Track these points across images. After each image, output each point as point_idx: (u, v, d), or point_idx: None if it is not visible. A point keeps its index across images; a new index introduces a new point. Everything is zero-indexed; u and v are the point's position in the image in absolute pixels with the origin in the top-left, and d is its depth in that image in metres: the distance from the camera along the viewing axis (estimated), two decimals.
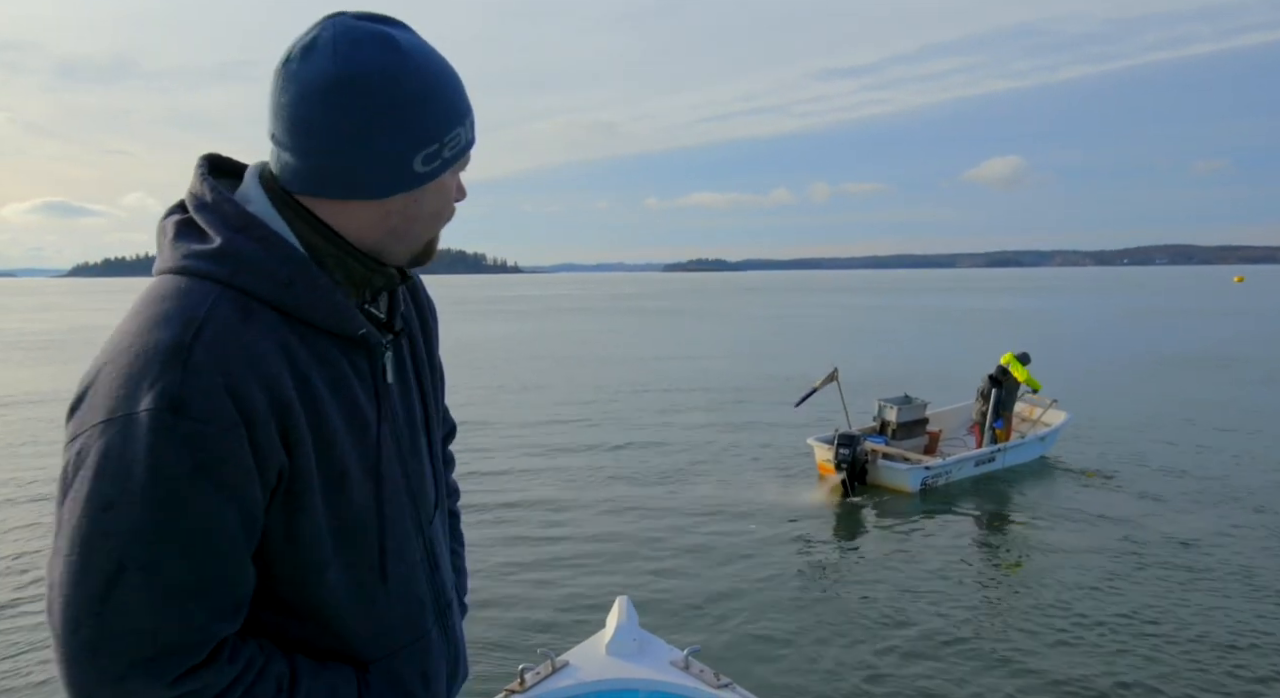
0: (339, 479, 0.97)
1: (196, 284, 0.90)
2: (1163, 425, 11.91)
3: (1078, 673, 4.71)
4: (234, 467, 0.86)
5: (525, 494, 8.56)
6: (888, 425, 9.86)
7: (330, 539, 0.97)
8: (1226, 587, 5.94)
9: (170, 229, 0.96)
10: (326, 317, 0.95)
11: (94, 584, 0.82)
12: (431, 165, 0.96)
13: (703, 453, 10.52)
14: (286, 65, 0.91)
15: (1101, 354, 21.28)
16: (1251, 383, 16.00)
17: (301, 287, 0.92)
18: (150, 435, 0.82)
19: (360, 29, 0.90)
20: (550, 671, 2.71)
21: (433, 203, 1.00)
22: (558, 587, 6.06)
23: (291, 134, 0.92)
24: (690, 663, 2.73)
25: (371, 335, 1.00)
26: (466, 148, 1.00)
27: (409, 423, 1.11)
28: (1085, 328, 31.19)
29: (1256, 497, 8.20)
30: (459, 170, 1.02)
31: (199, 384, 0.83)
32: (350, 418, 0.99)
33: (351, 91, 0.89)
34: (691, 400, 14.63)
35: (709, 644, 5.05)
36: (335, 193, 0.94)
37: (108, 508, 0.82)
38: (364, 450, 1.00)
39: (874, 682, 4.65)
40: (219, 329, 0.86)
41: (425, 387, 1.17)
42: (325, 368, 0.96)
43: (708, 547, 6.93)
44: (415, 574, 1.10)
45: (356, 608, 1.02)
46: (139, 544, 0.83)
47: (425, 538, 1.13)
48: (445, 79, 0.96)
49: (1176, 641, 5.11)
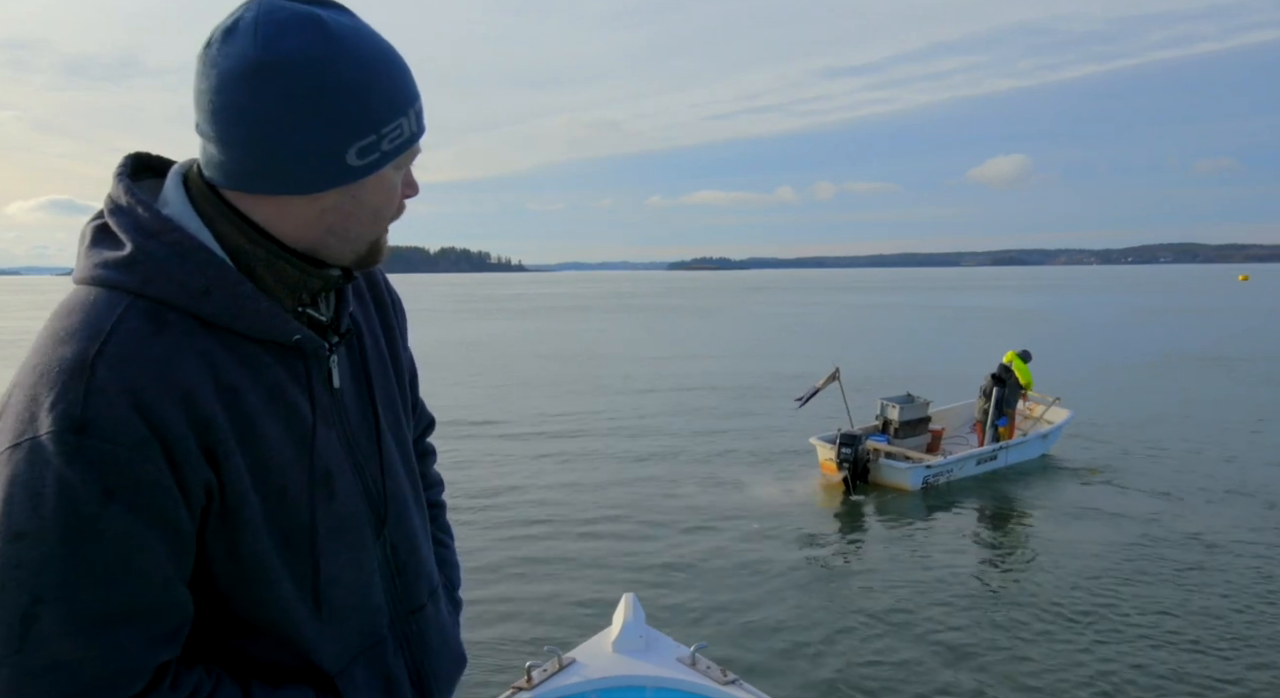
0: (278, 494, 0.92)
1: (105, 295, 0.84)
2: (1166, 423, 11.89)
3: (1080, 669, 4.71)
4: (150, 487, 0.81)
5: (531, 492, 8.58)
6: (890, 424, 9.92)
7: (276, 555, 0.93)
8: (1229, 582, 5.94)
9: (88, 236, 0.90)
10: (251, 325, 0.88)
11: (10, 620, 0.78)
12: (368, 159, 0.89)
13: (707, 451, 10.53)
14: (207, 49, 0.84)
15: (1105, 352, 21.25)
16: (1255, 381, 15.96)
17: (219, 295, 0.86)
18: (55, 459, 0.77)
19: (285, 9, 0.83)
20: (557, 668, 2.72)
21: (373, 199, 0.93)
22: (564, 584, 6.08)
23: (214, 124, 0.85)
24: (697, 660, 2.74)
25: (308, 341, 0.93)
26: (411, 140, 0.92)
27: (365, 426, 1.05)
28: (1089, 326, 31.13)
29: (1259, 492, 8.20)
30: (405, 164, 0.95)
31: (103, 402, 0.78)
32: (289, 427, 0.93)
33: (274, 78, 0.82)
34: (695, 399, 14.64)
35: (716, 641, 5.06)
36: (263, 188, 0.88)
37: (18, 538, 0.78)
38: (302, 462, 0.94)
39: (879, 677, 4.67)
40: (125, 342, 0.81)
41: (377, 386, 1.09)
42: (258, 378, 0.90)
43: (713, 544, 6.95)
44: (370, 581, 1.05)
45: (308, 623, 0.97)
46: (53, 574, 0.78)
47: (386, 544, 1.08)
48: (384, 64, 0.88)
49: (1178, 634, 5.11)
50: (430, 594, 1.17)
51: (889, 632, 5.25)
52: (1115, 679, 4.62)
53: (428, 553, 1.19)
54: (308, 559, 0.96)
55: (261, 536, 0.91)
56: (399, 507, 1.10)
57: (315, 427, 0.96)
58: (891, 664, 4.83)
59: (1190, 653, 4.93)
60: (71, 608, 0.79)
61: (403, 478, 1.13)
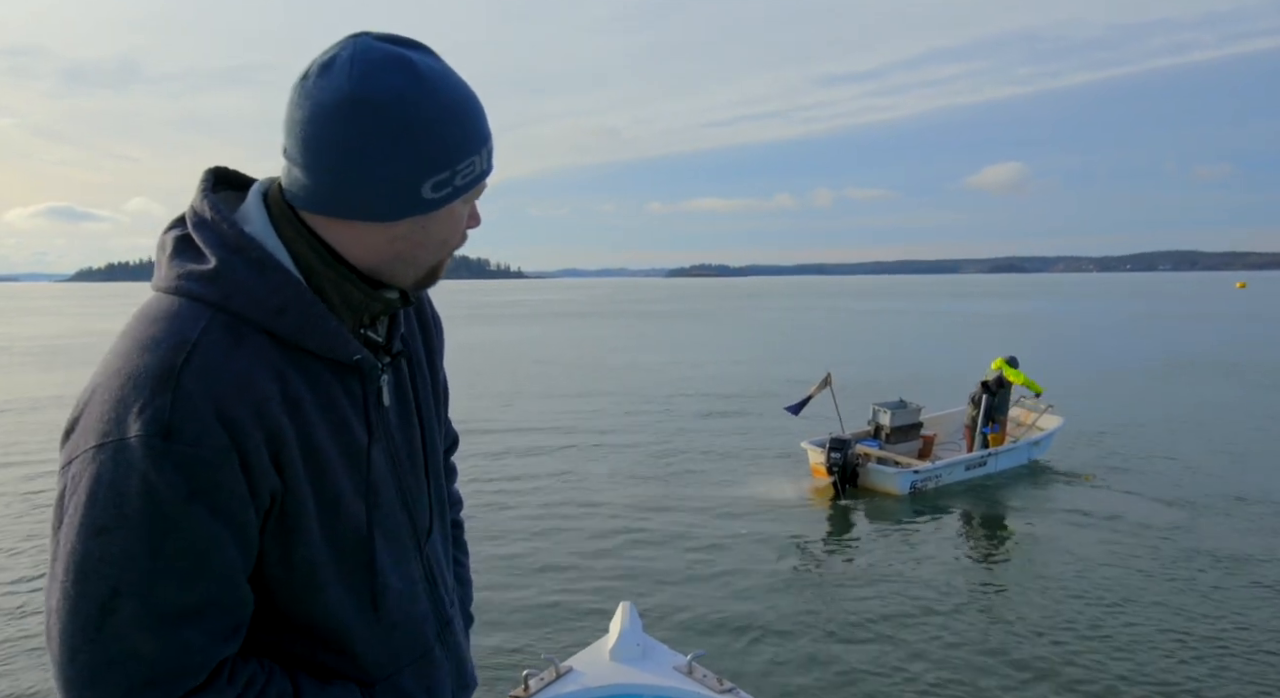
0: (333, 504, 0.97)
1: (189, 306, 0.89)
2: (1161, 429, 11.89)
3: (1070, 669, 4.71)
4: (227, 492, 0.86)
5: (528, 499, 8.57)
6: (881, 430, 10.00)
7: (328, 563, 0.97)
8: (1217, 587, 5.94)
9: (169, 245, 0.95)
10: (320, 344, 0.94)
11: (89, 611, 0.82)
12: (442, 193, 0.95)
13: (702, 457, 10.54)
14: (304, 82, 0.90)
15: (1102, 359, 21.25)
16: (1251, 388, 15.97)
17: (294, 314, 0.92)
18: (143, 461, 0.82)
19: (379, 50, 0.89)
20: (554, 676, 2.73)
21: (441, 230, 0.99)
22: (561, 592, 6.07)
23: (303, 151, 0.91)
24: (694, 668, 2.75)
25: (366, 361, 0.99)
26: (481, 177, 0.98)
27: (407, 443, 1.10)
28: (1086, 332, 31.15)
29: (1254, 496, 8.19)
30: (473, 198, 1.01)
31: (189, 410, 0.83)
32: (342, 442, 0.98)
33: (364, 112, 0.88)
34: (690, 405, 14.64)
35: (712, 649, 5.06)
36: (341, 213, 0.93)
37: (101, 533, 0.82)
38: (356, 474, 0.99)
39: (873, 685, 4.66)
40: (209, 354, 0.86)
41: (425, 406, 1.16)
42: (317, 392, 0.95)
43: (708, 551, 6.95)
44: (416, 591, 1.10)
45: (358, 629, 1.02)
46: (133, 570, 0.83)
47: (424, 557, 1.13)
48: (463, 105, 0.94)
49: (1167, 635, 5.12)
50: (452, 606, 1.22)
51: (881, 639, 5.25)
52: (1103, 682, 4.62)
53: (450, 565, 1.26)
54: (363, 567, 1.01)
55: (316, 542, 0.96)
56: (434, 522, 1.17)
57: (367, 442, 1.01)
58: (885, 672, 4.82)
59: (1179, 653, 4.93)
60: (147, 603, 0.84)
61: (437, 493, 1.18)
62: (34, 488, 9.03)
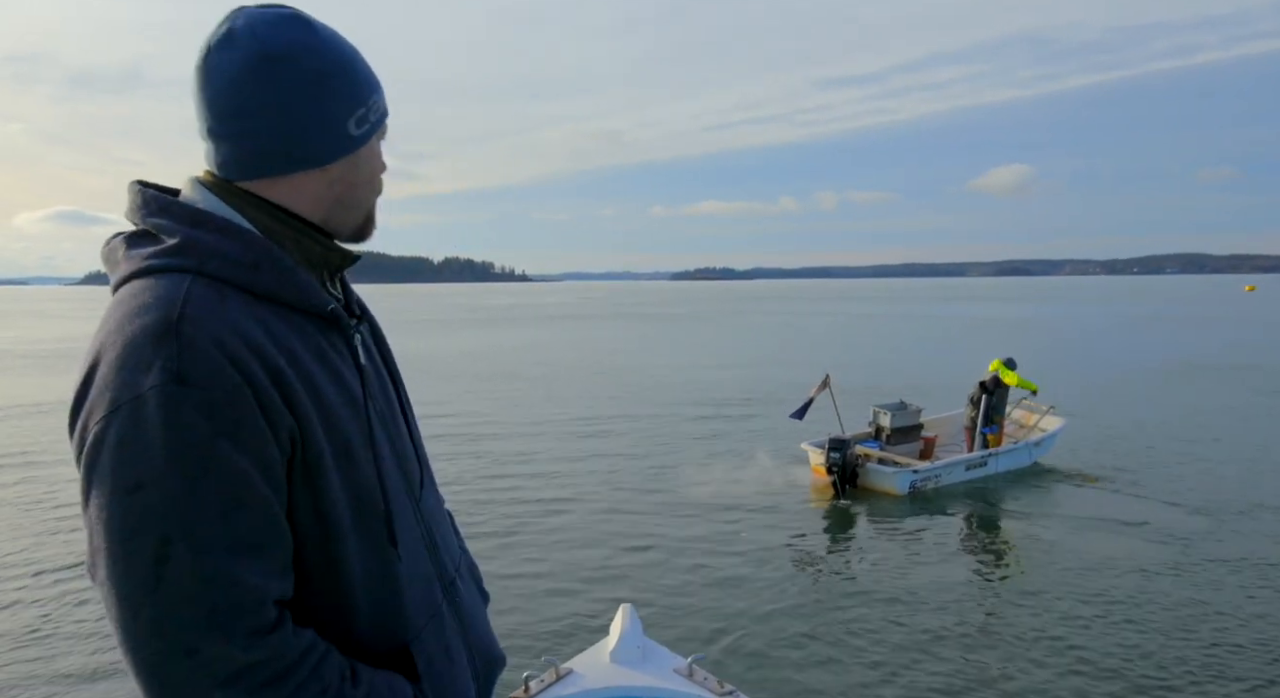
0: (345, 449, 0.98)
1: (166, 276, 0.91)
2: (1165, 432, 11.84)
3: (1063, 669, 4.69)
4: (249, 428, 0.87)
5: (528, 502, 8.57)
6: (882, 431, 10.07)
7: (348, 511, 0.99)
8: (1210, 588, 5.91)
9: (122, 244, 0.97)
10: (296, 295, 0.97)
11: (144, 565, 0.83)
12: (363, 128, 1.01)
13: (703, 459, 10.54)
14: (207, 60, 0.94)
15: (1109, 362, 21.18)
16: (1259, 391, 15.90)
17: (267, 268, 0.94)
18: (162, 410, 0.83)
19: (270, 13, 0.96)
20: (554, 678, 2.73)
21: (368, 166, 1.05)
22: (562, 594, 6.07)
23: (225, 121, 0.95)
24: (694, 671, 2.74)
25: (340, 314, 1.02)
26: (385, 115, 1.06)
27: (388, 403, 1.13)
28: (1092, 335, 31.05)
29: (1254, 498, 8.16)
30: (382, 137, 1.07)
31: (197, 354, 0.85)
32: (342, 391, 1.00)
33: (279, 66, 0.94)
34: (692, 408, 14.62)
35: (712, 652, 5.05)
36: (279, 168, 0.98)
37: (137, 489, 0.83)
38: (360, 423, 1.02)
39: (875, 687, 4.65)
40: (200, 305, 0.88)
41: (393, 368, 1.20)
42: (306, 342, 0.98)
43: (709, 553, 6.94)
44: (419, 549, 1.11)
45: (382, 583, 1.03)
46: (176, 515, 0.84)
47: (420, 515, 1.14)
48: (354, 50, 1.02)
49: (1158, 634, 5.10)
50: (457, 570, 1.23)
51: (880, 641, 5.24)
52: (1101, 683, 4.60)
53: (450, 533, 1.27)
54: (380, 516, 1.02)
55: (336, 489, 0.97)
56: (425, 483, 1.18)
57: (363, 395, 1.04)
58: (884, 674, 4.81)
59: (1174, 652, 4.91)
60: (197, 544, 0.85)
61: (423, 456, 1.21)
62: (35, 490, 9.07)
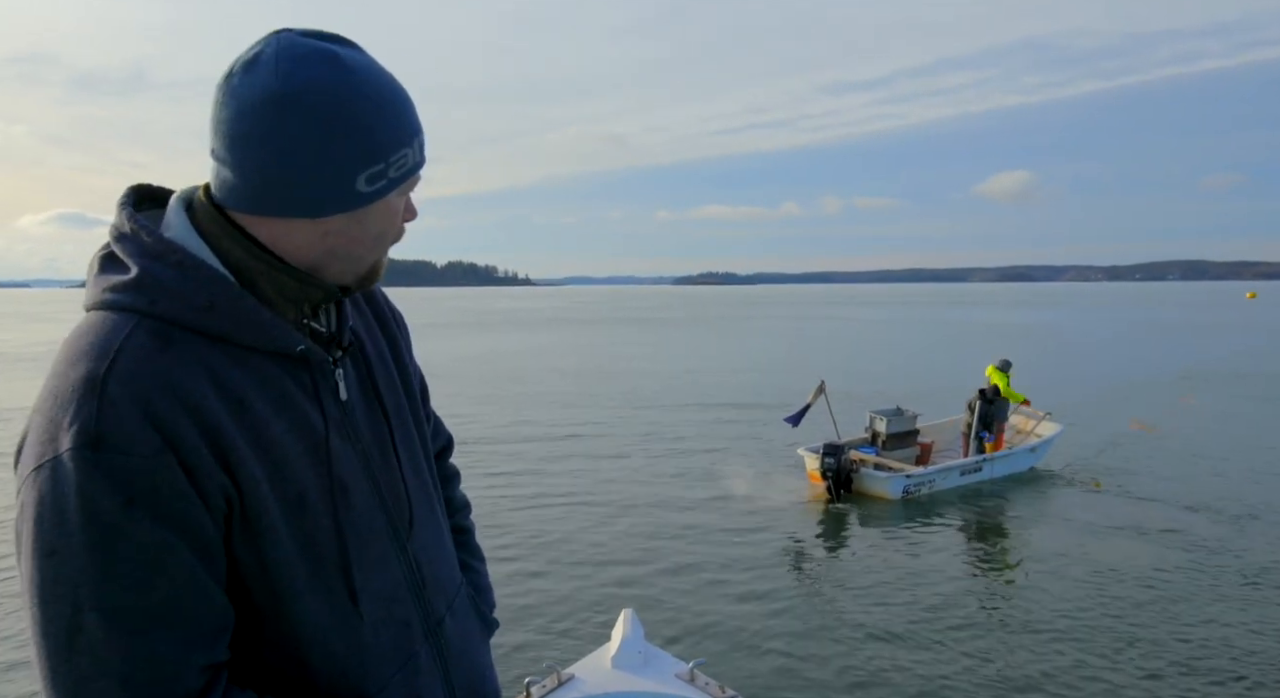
0: (298, 502, 0.94)
1: (115, 317, 0.88)
2: (1167, 438, 11.81)
3: (1057, 669, 4.69)
4: (169, 493, 0.84)
5: (529, 507, 8.57)
6: (878, 436, 10.10)
7: (301, 564, 0.94)
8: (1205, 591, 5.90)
9: (95, 265, 0.95)
10: (256, 337, 0.92)
11: (58, 632, 0.82)
12: (376, 186, 0.93)
13: (702, 463, 10.57)
14: (228, 80, 0.89)
15: (1111, 367, 21.13)
16: (1263, 399, 15.85)
17: (223, 309, 0.90)
18: (75, 475, 0.81)
19: (304, 45, 0.89)
20: (556, 684, 2.73)
21: (376, 224, 0.97)
22: (562, 600, 6.07)
23: (230, 150, 0.90)
24: (696, 676, 2.74)
25: (314, 352, 0.96)
26: (414, 169, 0.97)
27: (376, 439, 1.07)
28: (1093, 342, 31.00)
29: (1250, 503, 8.14)
30: (407, 191, 1.00)
31: (115, 416, 0.82)
32: (301, 436, 0.95)
33: (292, 107, 0.87)
34: (692, 413, 14.63)
35: (713, 657, 5.05)
36: (272, 210, 0.92)
37: (52, 555, 0.82)
38: (319, 470, 0.96)
39: (873, 686, 4.64)
40: (133, 358, 0.85)
41: (388, 400, 1.12)
42: (266, 389, 0.93)
43: (710, 558, 6.95)
44: (398, 593, 1.06)
45: (340, 636, 0.99)
46: (88, 585, 0.82)
47: (408, 555, 1.08)
48: (392, 98, 0.93)
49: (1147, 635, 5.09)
50: (448, 607, 1.17)
51: (877, 645, 5.25)
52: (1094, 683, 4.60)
53: (448, 567, 1.20)
54: (338, 568, 0.98)
55: (286, 543, 0.93)
56: (417, 519, 1.12)
57: (328, 436, 0.98)
58: (883, 678, 4.80)
59: (1162, 658, 4.89)
60: (109, 615, 0.82)
61: (419, 490, 1.14)
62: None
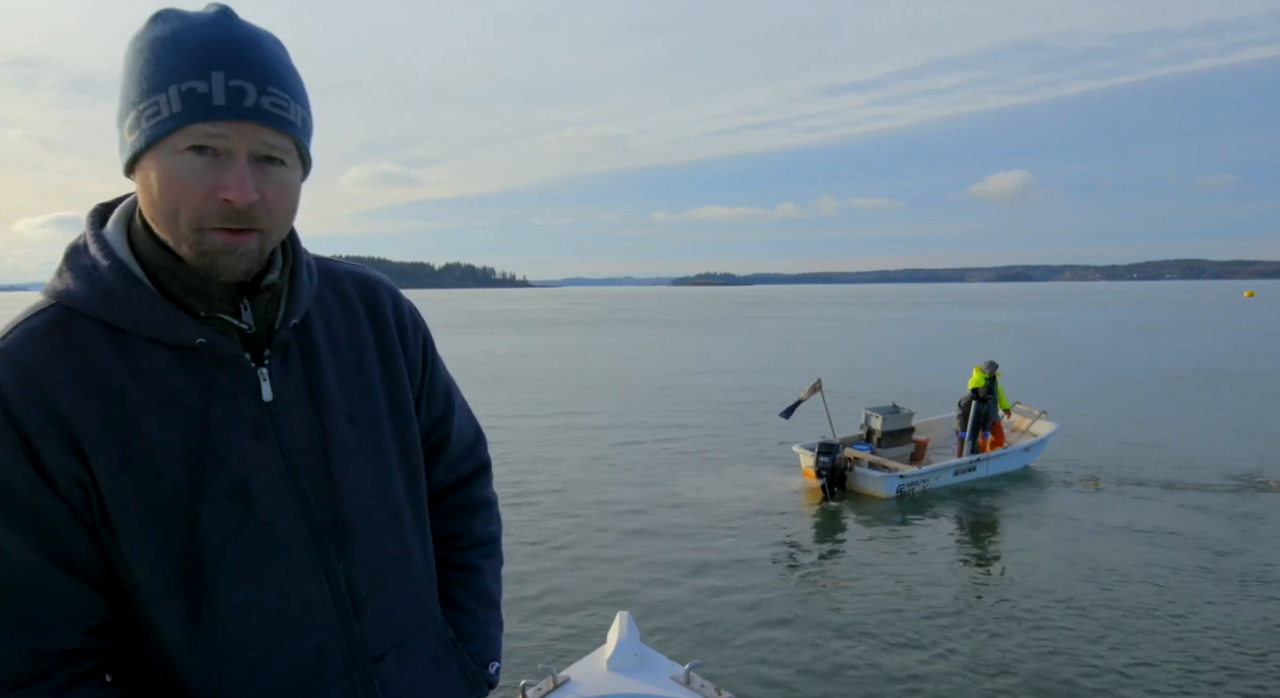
0: (170, 499, 0.89)
1: (37, 304, 0.93)
2: (1164, 436, 11.82)
3: (1050, 672, 4.69)
4: (8, 474, 0.84)
5: (525, 509, 8.57)
6: (874, 434, 10.13)
7: (162, 566, 0.90)
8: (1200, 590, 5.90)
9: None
10: (150, 326, 0.90)
11: None
12: (132, 136, 0.87)
13: (697, 463, 10.58)
14: None
15: (1108, 366, 21.14)
16: (1263, 397, 15.87)
17: (119, 299, 0.90)
18: None
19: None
20: (552, 687, 2.72)
21: (160, 186, 0.86)
22: (558, 602, 6.06)
23: None
24: (691, 678, 2.73)
25: (219, 346, 0.92)
26: (174, 120, 0.84)
27: (312, 443, 0.98)
28: (1090, 341, 31.03)
29: (1249, 503, 8.15)
30: (184, 144, 0.85)
31: None
32: (188, 435, 0.90)
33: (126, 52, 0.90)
34: (688, 414, 14.63)
35: (709, 659, 5.04)
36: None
37: None
38: (204, 470, 0.91)
39: (871, 684, 4.64)
40: (16, 340, 0.88)
41: (335, 406, 1.01)
42: (154, 381, 0.90)
43: (705, 559, 6.95)
44: (306, 617, 0.96)
45: (197, 651, 0.92)
46: None
47: (338, 578, 0.99)
48: (175, 39, 0.84)
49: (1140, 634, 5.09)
50: (398, 645, 1.06)
51: (874, 646, 5.25)
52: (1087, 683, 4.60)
53: (410, 599, 1.09)
54: (195, 577, 0.91)
55: (146, 542, 0.89)
56: (360, 536, 1.01)
57: (214, 433, 0.92)
58: (882, 679, 4.79)
59: (1156, 654, 4.89)
60: None
61: (377, 507, 1.04)
62: None
